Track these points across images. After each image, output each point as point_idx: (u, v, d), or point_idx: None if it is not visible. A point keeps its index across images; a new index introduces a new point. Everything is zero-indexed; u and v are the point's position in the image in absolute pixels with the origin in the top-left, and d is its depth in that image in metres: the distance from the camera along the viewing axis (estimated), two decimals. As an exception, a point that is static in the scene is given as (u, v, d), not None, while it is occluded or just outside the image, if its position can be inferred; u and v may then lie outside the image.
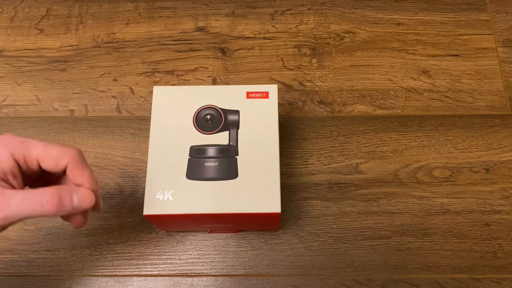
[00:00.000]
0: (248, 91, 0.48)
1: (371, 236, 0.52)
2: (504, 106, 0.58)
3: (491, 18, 0.63)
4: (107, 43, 0.63)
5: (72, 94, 0.60)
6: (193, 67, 0.61)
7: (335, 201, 0.54)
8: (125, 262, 0.51)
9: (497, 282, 0.50)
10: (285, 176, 0.55)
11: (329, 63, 0.61)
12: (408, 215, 0.53)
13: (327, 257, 0.51)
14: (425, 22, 0.63)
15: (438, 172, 0.55)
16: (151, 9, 0.65)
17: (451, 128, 0.57)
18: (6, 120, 0.58)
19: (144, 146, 0.56)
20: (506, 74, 0.60)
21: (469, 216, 0.53)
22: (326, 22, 0.64)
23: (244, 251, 0.52)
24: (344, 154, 0.56)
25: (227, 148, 0.46)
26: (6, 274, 0.51)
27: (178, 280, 0.51)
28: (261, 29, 0.63)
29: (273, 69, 0.61)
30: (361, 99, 0.59)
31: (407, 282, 0.50)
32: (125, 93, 0.60)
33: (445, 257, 0.51)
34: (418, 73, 0.60)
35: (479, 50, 0.62)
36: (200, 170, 0.45)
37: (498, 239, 0.52)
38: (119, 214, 0.53)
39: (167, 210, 0.43)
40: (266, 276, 0.51)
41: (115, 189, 0.54)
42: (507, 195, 0.54)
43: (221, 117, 0.47)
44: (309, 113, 0.58)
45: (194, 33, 0.63)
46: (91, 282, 0.51)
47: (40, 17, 0.65)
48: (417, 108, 0.58)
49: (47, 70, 0.61)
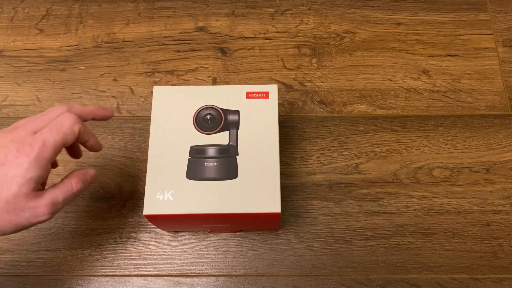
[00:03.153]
0: (248, 91, 0.48)
1: (371, 236, 0.52)
2: (504, 106, 0.58)
3: (491, 18, 0.63)
4: (107, 43, 0.63)
5: (72, 94, 0.60)
6: (193, 67, 0.61)
7: (335, 201, 0.54)
8: (125, 262, 0.51)
9: (497, 282, 0.50)
10: (285, 176, 0.55)
11: (329, 63, 0.61)
12: (408, 215, 0.53)
13: (327, 257, 0.51)
14: (425, 22, 0.63)
15: (438, 172, 0.55)
16: (151, 9, 0.65)
17: (451, 128, 0.57)
18: (6, 120, 0.58)
19: (144, 146, 0.56)
20: (506, 74, 0.60)
21: (469, 216, 0.53)
22: (326, 22, 0.64)
23: (244, 251, 0.52)
24: (344, 154, 0.56)
25: (227, 148, 0.46)
26: (6, 274, 0.51)
27: (178, 280, 0.51)
28: (261, 29, 0.63)
29: (273, 69, 0.61)
30: (361, 99, 0.59)
31: (407, 282, 0.50)
32: (125, 93, 0.60)
33: (445, 257, 0.51)
34: (418, 73, 0.60)
35: (479, 50, 0.62)
36: (200, 170, 0.45)
37: (498, 239, 0.52)
38: (119, 214, 0.53)
39: (167, 210, 0.43)
40: (266, 276, 0.51)
41: (115, 189, 0.54)
42: (507, 195, 0.54)
43: (221, 117, 0.47)
44: (309, 113, 0.58)
45: (194, 33, 0.63)
46: (91, 282, 0.51)
47: (40, 17, 0.65)
48: (417, 108, 0.58)
49: (47, 70, 0.61)
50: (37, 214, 0.39)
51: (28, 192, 0.38)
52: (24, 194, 0.37)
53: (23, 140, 0.38)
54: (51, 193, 0.40)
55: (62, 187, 0.41)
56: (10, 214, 0.37)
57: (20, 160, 0.37)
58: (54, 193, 0.40)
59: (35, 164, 0.38)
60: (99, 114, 0.45)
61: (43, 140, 0.38)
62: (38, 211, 0.39)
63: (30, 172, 0.37)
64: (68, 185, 0.41)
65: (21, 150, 0.38)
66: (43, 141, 0.38)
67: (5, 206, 0.37)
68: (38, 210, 0.39)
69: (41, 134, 0.39)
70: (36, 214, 0.39)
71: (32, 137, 0.39)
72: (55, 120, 0.40)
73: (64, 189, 0.41)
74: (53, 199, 0.39)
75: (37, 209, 0.38)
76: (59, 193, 0.40)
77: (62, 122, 0.40)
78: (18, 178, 0.37)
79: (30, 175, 0.37)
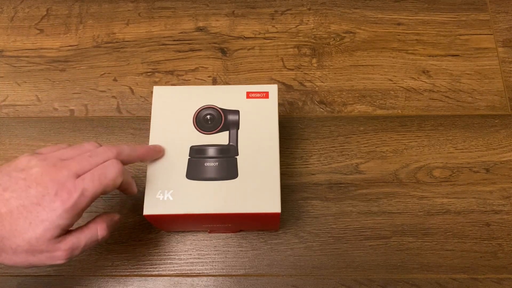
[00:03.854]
0: (248, 91, 0.48)
1: (371, 236, 0.52)
2: (504, 106, 0.58)
3: (491, 18, 0.63)
4: (107, 43, 0.63)
5: (72, 94, 0.60)
6: (193, 67, 0.61)
7: (335, 201, 0.54)
8: (125, 262, 0.51)
9: (497, 282, 0.50)
10: (285, 176, 0.55)
11: (329, 63, 0.61)
12: (408, 215, 0.53)
13: (327, 257, 0.51)
14: (425, 22, 0.63)
15: (438, 172, 0.55)
16: (151, 9, 0.65)
17: (451, 128, 0.57)
18: (6, 120, 0.58)
19: (144, 146, 0.56)
20: (506, 74, 0.60)
21: (469, 216, 0.53)
22: (326, 22, 0.64)
23: (244, 251, 0.52)
24: (344, 154, 0.56)
25: (227, 148, 0.46)
26: (6, 274, 0.51)
27: (178, 280, 0.51)
28: (261, 29, 0.63)
29: (273, 69, 0.61)
30: (361, 99, 0.59)
31: (407, 282, 0.50)
32: (125, 93, 0.60)
33: (445, 257, 0.51)
34: (418, 73, 0.60)
35: (479, 50, 0.62)
36: (200, 170, 0.45)
37: (498, 239, 0.52)
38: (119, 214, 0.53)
39: (167, 210, 0.43)
40: (266, 276, 0.51)
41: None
42: (507, 195, 0.54)
43: (221, 117, 0.47)
44: (309, 113, 0.58)
45: (194, 33, 0.63)
46: (91, 282, 0.51)
47: (40, 17, 0.65)
48: (417, 108, 0.58)
49: (47, 70, 0.61)
50: (54, 258, 0.38)
51: (52, 238, 0.37)
52: (48, 239, 0.36)
53: (63, 183, 0.37)
54: (74, 238, 0.39)
55: (87, 232, 0.40)
56: (27, 254, 0.37)
57: (55, 205, 0.36)
58: (77, 238, 0.39)
59: (69, 213, 0.37)
60: (149, 158, 0.44)
61: (83, 189, 0.37)
62: (55, 255, 0.38)
63: (61, 220, 0.36)
64: (93, 231, 0.40)
65: (59, 194, 0.36)
66: (83, 190, 0.37)
67: (26, 246, 0.36)
68: (56, 254, 0.38)
69: (83, 182, 0.37)
70: (53, 258, 0.38)
71: (73, 182, 0.37)
72: (101, 166, 0.39)
73: (88, 235, 0.40)
74: (73, 245, 0.38)
75: (55, 253, 0.37)
76: (82, 238, 0.39)
77: (106, 171, 0.39)
78: (47, 223, 0.36)
79: (59, 222, 0.36)
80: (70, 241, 0.38)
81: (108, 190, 0.39)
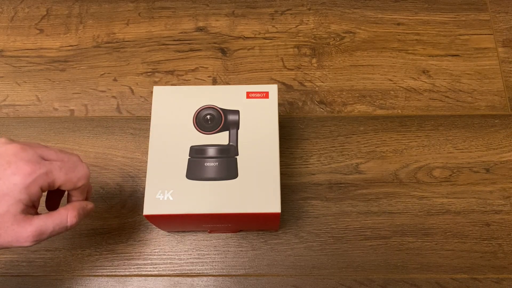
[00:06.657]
0: (248, 91, 0.48)
1: (371, 236, 0.52)
2: (504, 106, 0.58)
3: (491, 18, 0.63)
4: (107, 43, 0.63)
5: (72, 94, 0.60)
6: (193, 67, 0.61)
7: (335, 201, 0.54)
8: (125, 262, 0.51)
9: (497, 282, 0.50)
10: (285, 176, 0.55)
11: (329, 63, 0.61)
12: (408, 215, 0.53)
13: (327, 257, 0.51)
14: (425, 22, 0.63)
15: (438, 172, 0.55)
16: (151, 9, 0.65)
17: (451, 128, 0.57)
18: (6, 120, 0.58)
19: (144, 146, 0.56)
20: (506, 74, 0.60)
21: (469, 216, 0.53)
22: (326, 22, 0.64)
23: (244, 251, 0.52)
24: (344, 154, 0.56)
25: (227, 148, 0.46)
26: (6, 274, 0.51)
27: (178, 280, 0.51)
28: (261, 29, 0.63)
29: (273, 69, 0.61)
30: (361, 99, 0.59)
31: (407, 282, 0.50)
32: (125, 93, 0.60)
33: (445, 257, 0.51)
34: (418, 73, 0.60)
35: (479, 50, 0.62)
36: (200, 170, 0.45)
37: (498, 239, 0.52)
38: (119, 214, 0.53)
39: (167, 210, 0.43)
40: (266, 276, 0.51)
41: (115, 189, 0.54)
42: (507, 195, 0.54)
43: (221, 117, 0.47)
44: (309, 113, 0.58)
45: (194, 33, 0.63)
46: (91, 282, 0.51)
47: (40, 17, 0.65)
48: (417, 108, 0.58)
49: (47, 70, 0.61)
50: (20, 240, 0.37)
51: (16, 213, 0.36)
52: (13, 214, 0.36)
53: (29, 160, 0.37)
54: (41, 221, 0.38)
55: (56, 217, 0.39)
56: None
57: (16, 179, 0.36)
58: (45, 222, 0.38)
59: (29, 189, 0.36)
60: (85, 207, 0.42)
61: (48, 169, 0.37)
62: (22, 235, 0.37)
63: (22, 194, 0.36)
64: (63, 217, 0.39)
65: (22, 168, 0.36)
66: (47, 171, 0.37)
67: None
68: (22, 235, 0.37)
69: (51, 164, 0.38)
70: (19, 239, 0.37)
71: (40, 161, 0.37)
72: (72, 162, 0.39)
73: (57, 220, 0.39)
74: (40, 228, 0.37)
75: (21, 234, 0.37)
76: (49, 223, 0.38)
77: (77, 169, 0.39)
78: (8, 198, 0.36)
79: (21, 197, 0.36)
80: (38, 224, 0.37)
81: (69, 186, 0.39)
